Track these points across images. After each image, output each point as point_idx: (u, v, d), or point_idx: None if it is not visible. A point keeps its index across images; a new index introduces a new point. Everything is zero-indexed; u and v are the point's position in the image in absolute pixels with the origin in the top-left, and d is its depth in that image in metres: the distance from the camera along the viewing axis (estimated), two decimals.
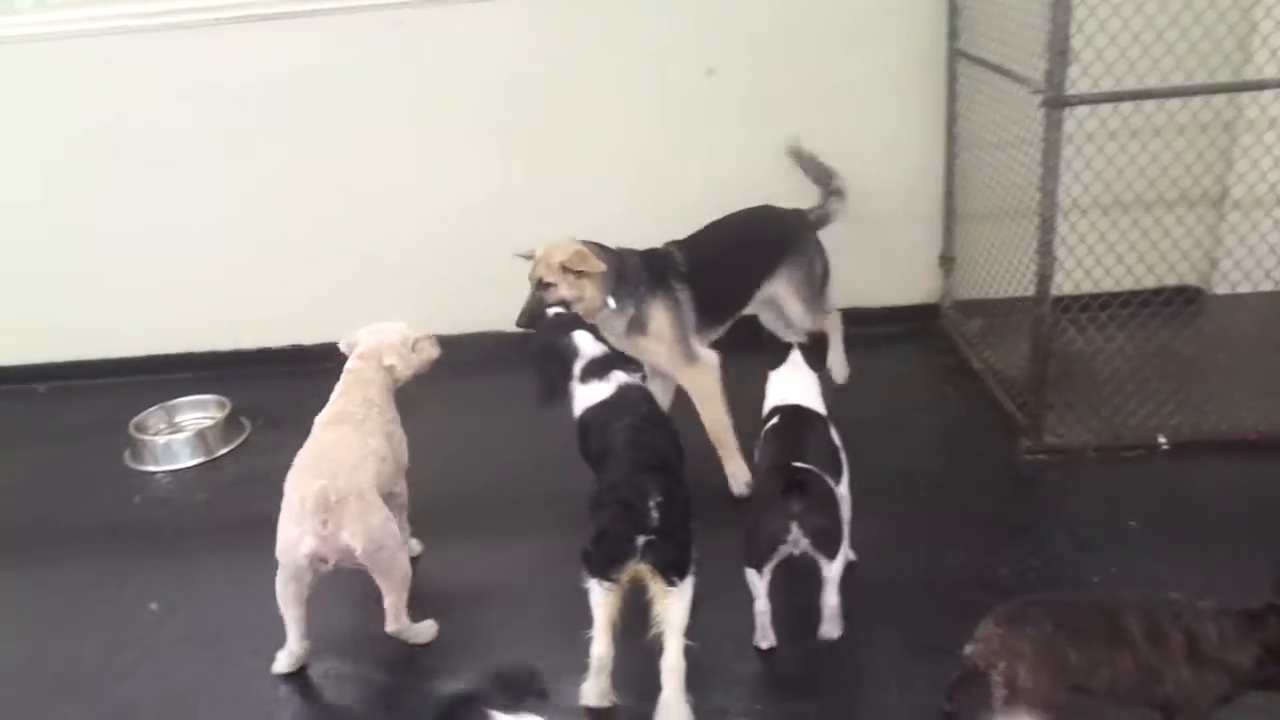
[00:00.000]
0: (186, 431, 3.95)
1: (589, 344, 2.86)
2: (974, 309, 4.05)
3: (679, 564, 2.26)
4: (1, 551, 3.42)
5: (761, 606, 2.52)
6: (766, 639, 2.55)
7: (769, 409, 2.80)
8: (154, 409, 4.06)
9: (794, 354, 2.88)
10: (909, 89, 3.96)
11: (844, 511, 2.58)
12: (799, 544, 2.41)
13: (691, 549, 2.31)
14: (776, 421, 2.74)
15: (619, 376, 2.77)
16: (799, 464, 2.48)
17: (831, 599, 2.52)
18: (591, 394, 2.74)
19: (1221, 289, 4.03)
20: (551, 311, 3.02)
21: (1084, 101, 2.99)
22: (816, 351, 3.00)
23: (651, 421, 2.55)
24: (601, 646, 2.31)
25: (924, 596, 2.71)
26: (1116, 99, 3.10)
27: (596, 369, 2.79)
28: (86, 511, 3.59)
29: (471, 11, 3.91)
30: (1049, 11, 2.83)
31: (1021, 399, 3.37)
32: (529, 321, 3.19)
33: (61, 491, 3.75)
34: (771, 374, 2.87)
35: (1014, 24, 3.21)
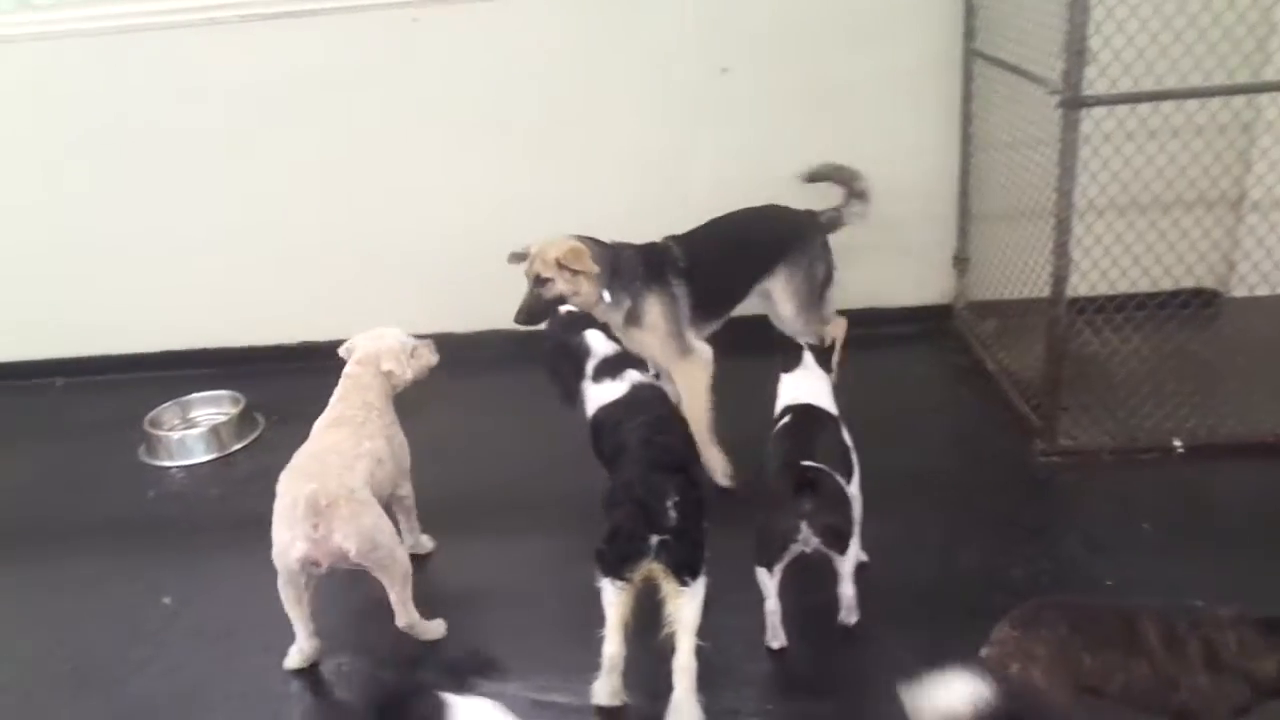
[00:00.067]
0: (200, 427, 3.97)
1: (601, 343, 2.87)
2: (988, 310, 4.03)
3: (692, 564, 2.26)
4: (17, 545, 3.44)
5: (772, 606, 2.52)
6: (777, 639, 2.54)
7: (780, 409, 2.80)
8: (168, 404, 4.08)
9: (805, 355, 2.88)
10: (924, 89, 3.95)
11: (855, 511, 2.58)
12: (810, 542, 2.41)
13: (704, 549, 2.30)
14: (788, 421, 2.73)
15: (632, 375, 2.78)
16: (809, 463, 2.48)
17: (847, 590, 2.57)
18: (605, 393, 2.74)
19: (1239, 291, 3.99)
20: (564, 310, 3.02)
21: (1101, 102, 2.97)
22: (829, 353, 2.98)
23: (665, 420, 2.55)
24: (613, 645, 2.31)
25: (936, 597, 2.71)
26: (1134, 100, 3.07)
27: (609, 368, 2.80)
28: (101, 506, 3.62)
29: (477, 11, 3.91)
30: (1066, 12, 2.81)
31: (1036, 400, 3.35)
32: (526, 318, 3.22)
33: (77, 486, 3.78)
34: (783, 375, 2.87)
35: (1031, 24, 3.19)
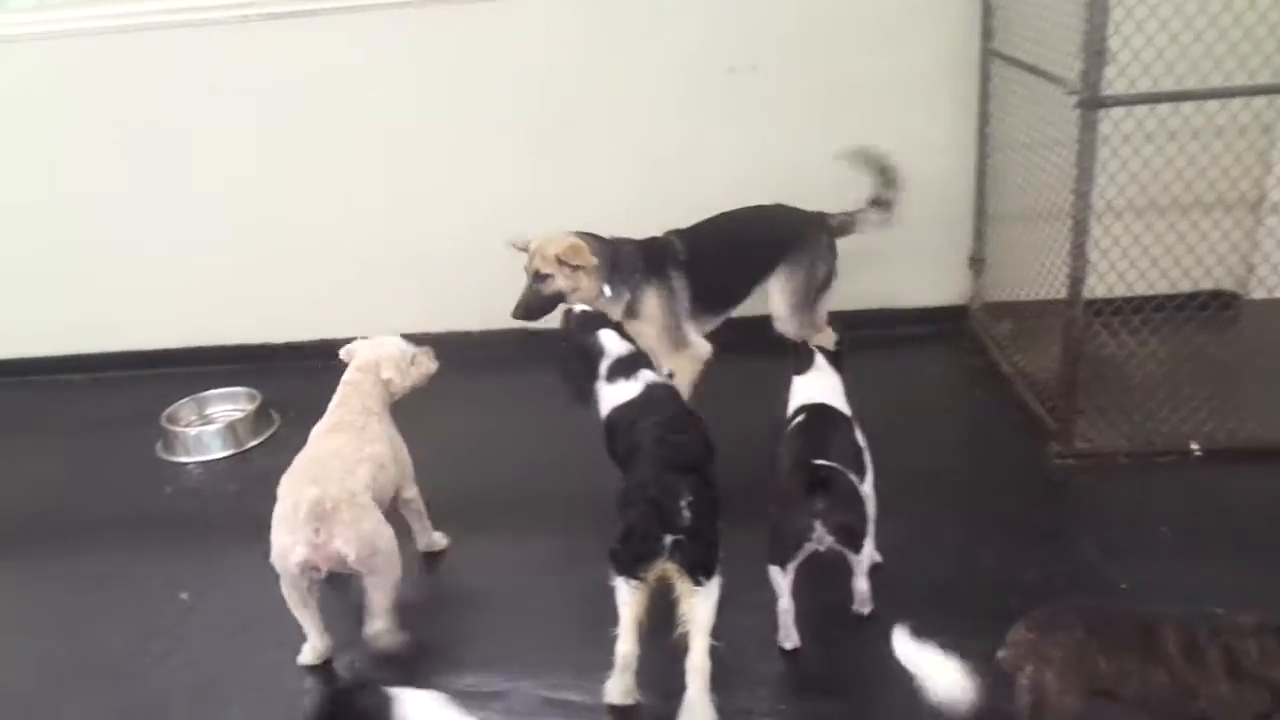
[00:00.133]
0: (217, 424, 4.00)
1: (615, 343, 2.87)
2: (1004, 311, 4.01)
3: (706, 563, 2.26)
4: (36, 540, 3.47)
5: (785, 605, 2.52)
6: (790, 639, 2.54)
7: (794, 408, 2.80)
8: (185, 401, 4.11)
9: (817, 357, 2.89)
10: (941, 89, 3.93)
11: (869, 511, 2.58)
12: (824, 541, 2.42)
13: (719, 548, 2.30)
14: (801, 420, 2.74)
15: (646, 375, 2.78)
16: (823, 462, 2.48)
17: (861, 585, 2.58)
18: (619, 393, 2.75)
19: (1258, 294, 3.95)
20: (578, 310, 3.03)
21: (1120, 103, 2.95)
22: (840, 354, 2.99)
23: (680, 420, 2.55)
24: (627, 644, 2.31)
25: (950, 599, 2.69)
26: (1153, 100, 3.05)
27: (623, 368, 2.80)
28: (119, 501, 3.64)
29: (492, 9, 3.92)
30: (1085, 11, 2.80)
31: (1051, 403, 3.33)
32: (524, 313, 3.27)
33: (95, 481, 3.81)
34: (795, 378, 2.87)
35: (1049, 24, 3.18)
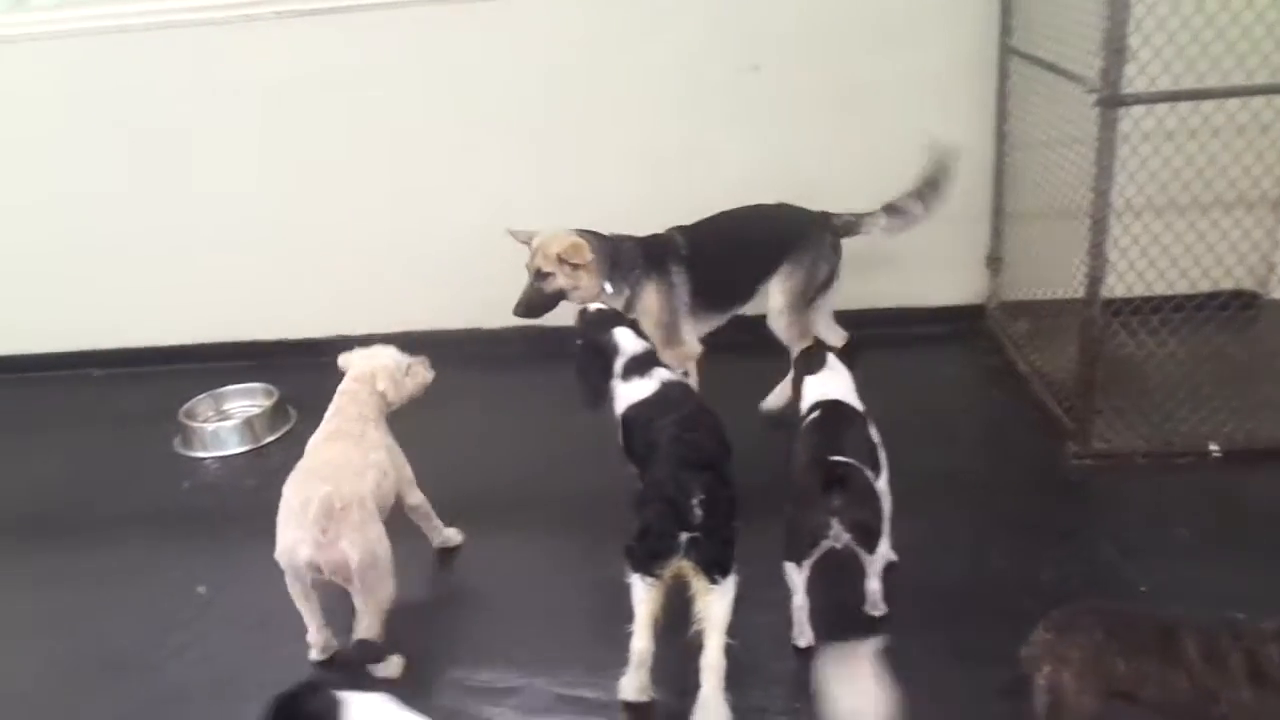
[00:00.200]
0: (234, 419, 4.02)
1: (630, 341, 2.87)
2: (1021, 310, 3.99)
3: (722, 562, 2.26)
4: (55, 534, 3.50)
5: (800, 602, 2.52)
6: (804, 636, 2.54)
7: (808, 405, 2.80)
8: (203, 396, 4.14)
9: (829, 356, 2.90)
10: (959, 87, 3.91)
11: (884, 507, 2.58)
12: (840, 538, 2.42)
13: (735, 547, 2.30)
14: (816, 416, 2.74)
15: (661, 373, 2.78)
16: (839, 458, 2.48)
17: (874, 585, 2.58)
18: (634, 391, 2.75)
19: (1279, 294, 3.93)
20: (592, 308, 3.03)
21: (1140, 101, 2.92)
22: (849, 352, 3.00)
23: (695, 417, 2.55)
24: (642, 642, 2.31)
25: (965, 599, 2.69)
26: (1174, 99, 3.02)
27: (638, 366, 2.80)
28: (137, 496, 3.67)
29: (489, 9, 3.91)
30: (1105, 8, 2.77)
31: (1069, 403, 3.31)
32: (525, 311, 3.30)
33: (113, 476, 3.83)
34: (807, 378, 2.87)
35: (1069, 21, 3.15)
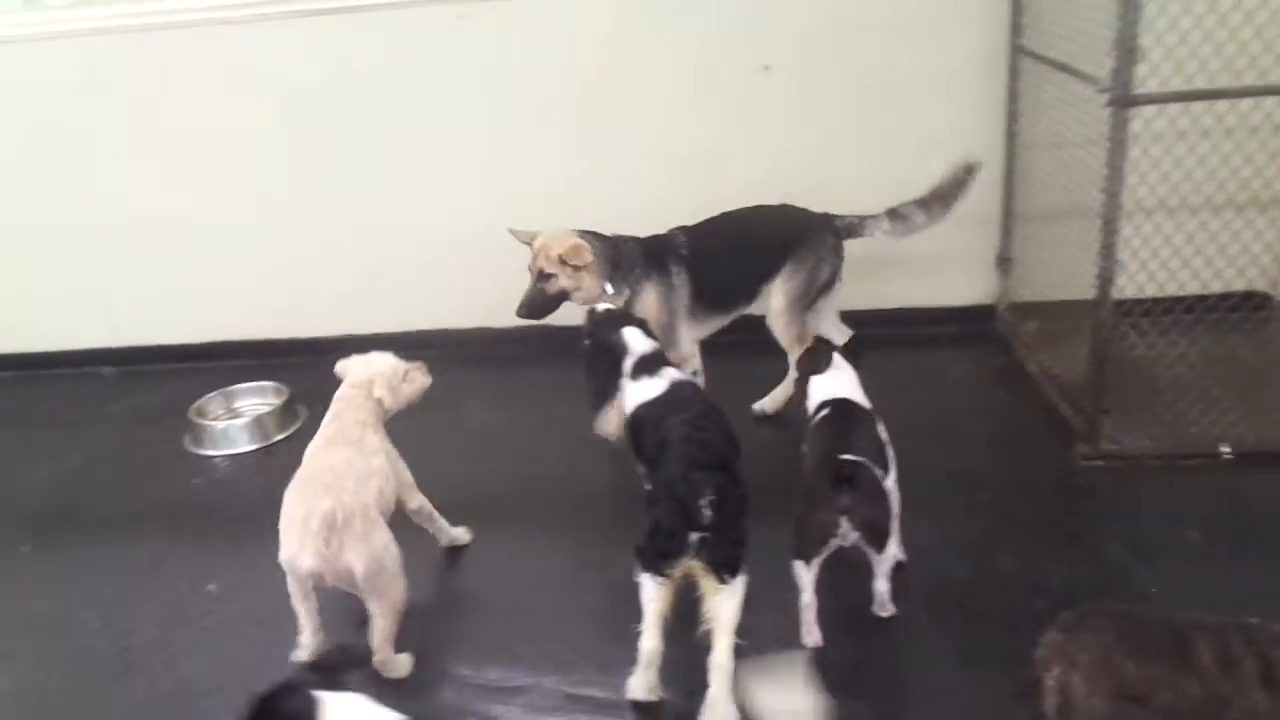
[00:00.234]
0: (245, 417, 4.03)
1: (639, 340, 2.87)
2: (1031, 311, 3.97)
3: (732, 562, 2.25)
4: (65, 530, 3.51)
5: (808, 600, 2.52)
6: (812, 635, 2.54)
7: (817, 404, 2.80)
8: (213, 394, 4.16)
9: (834, 355, 2.90)
10: (970, 86, 3.90)
11: (893, 506, 2.58)
12: (848, 537, 2.42)
13: (745, 547, 2.30)
14: (826, 414, 2.74)
15: (670, 373, 2.78)
16: (848, 456, 2.48)
17: (881, 586, 2.58)
18: (643, 390, 2.75)
19: None
20: (600, 308, 3.04)
21: (1152, 101, 2.91)
22: (852, 349, 3.00)
23: (706, 417, 2.55)
24: (651, 641, 2.31)
25: (974, 600, 2.69)
26: (1186, 99, 3.01)
27: (648, 365, 2.80)
28: (148, 493, 3.69)
29: (515, 7, 3.93)
30: (1117, 8, 2.76)
31: (1079, 404, 3.30)
32: (528, 312, 3.33)
33: (124, 473, 3.85)
34: (813, 378, 2.88)
35: (1080, 20, 3.14)
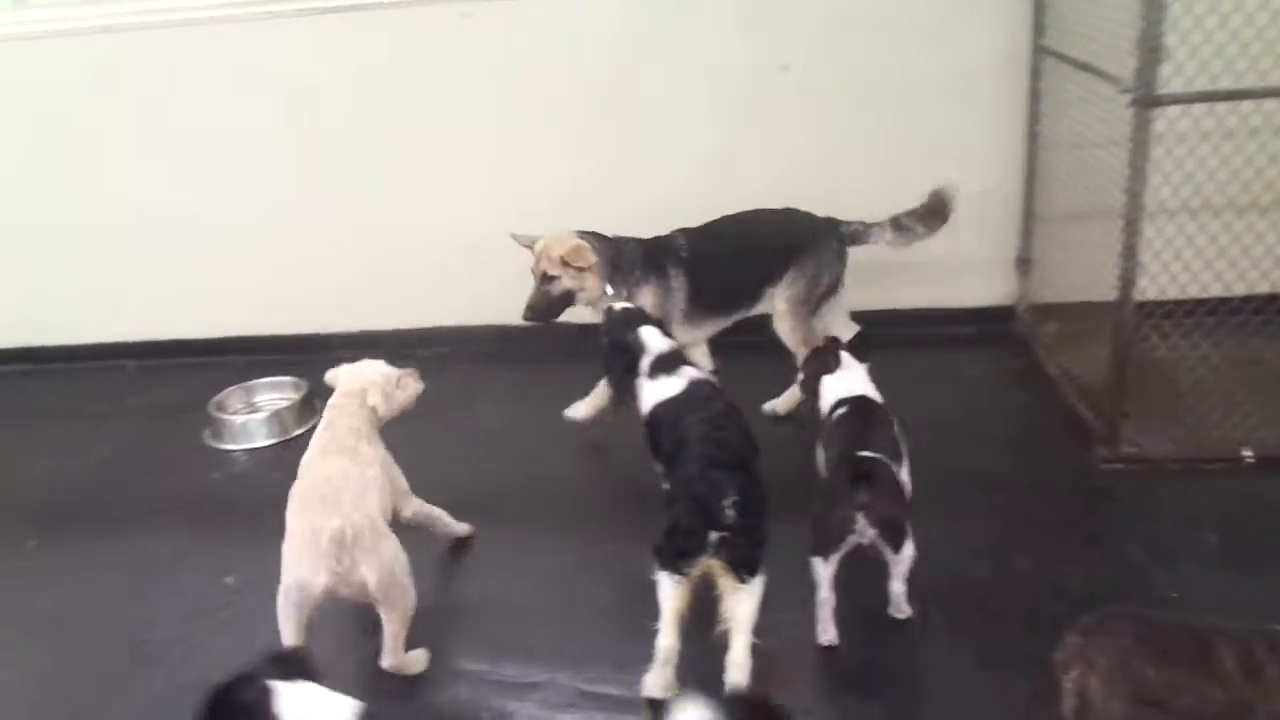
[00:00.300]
0: (264, 412, 4.05)
1: (656, 339, 2.88)
2: (1051, 312, 3.95)
3: (750, 561, 2.25)
4: (85, 523, 3.54)
5: (824, 596, 2.51)
6: (828, 634, 2.53)
7: (833, 402, 2.81)
8: (233, 389, 4.18)
9: (843, 354, 2.91)
10: (991, 86, 3.88)
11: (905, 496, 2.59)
12: (866, 534, 2.41)
13: (764, 547, 2.30)
14: (844, 412, 2.75)
15: (688, 371, 2.79)
16: (866, 453, 2.48)
17: (898, 587, 2.57)
18: (661, 389, 2.75)
19: None
20: (619, 306, 3.05)
21: (1176, 101, 2.88)
22: (859, 346, 3.01)
23: (725, 416, 2.55)
24: (668, 639, 2.31)
25: (991, 602, 2.68)
26: (1210, 99, 2.99)
27: (665, 364, 2.81)
28: (167, 487, 3.71)
29: (524, 6, 3.93)
30: (1141, 7, 2.75)
31: (1098, 406, 3.28)
32: (533, 314, 3.37)
33: (144, 467, 3.88)
34: (825, 377, 2.88)
35: (1103, 20, 3.12)
